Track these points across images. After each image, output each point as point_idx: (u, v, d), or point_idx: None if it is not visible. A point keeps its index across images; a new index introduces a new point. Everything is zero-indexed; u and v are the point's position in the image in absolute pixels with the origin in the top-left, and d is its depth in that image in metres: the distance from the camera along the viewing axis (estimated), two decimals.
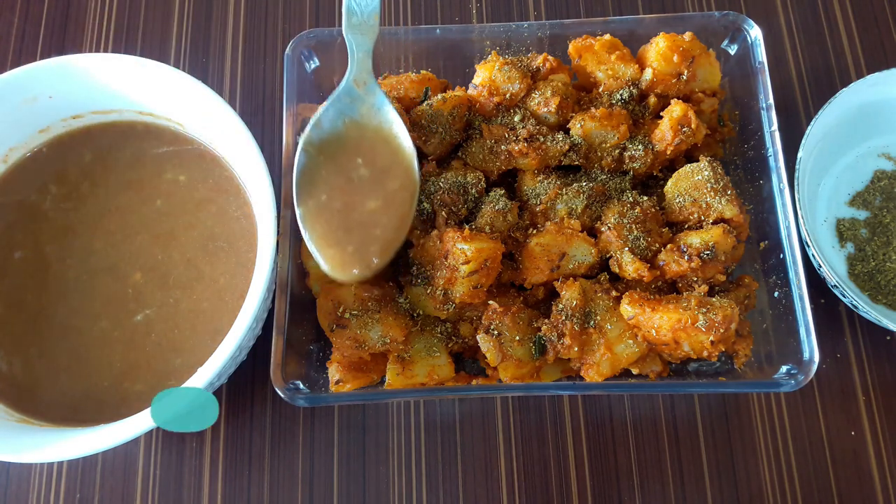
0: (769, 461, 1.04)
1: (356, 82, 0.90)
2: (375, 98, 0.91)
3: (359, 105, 0.90)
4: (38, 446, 0.88)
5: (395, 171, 0.90)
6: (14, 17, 1.32)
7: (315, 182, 0.87)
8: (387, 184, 0.89)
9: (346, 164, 0.89)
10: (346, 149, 0.90)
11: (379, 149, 0.91)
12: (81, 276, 1.02)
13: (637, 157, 1.01)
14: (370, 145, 0.90)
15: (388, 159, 0.91)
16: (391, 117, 0.92)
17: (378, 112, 0.92)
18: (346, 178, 0.88)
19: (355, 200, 0.88)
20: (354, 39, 0.90)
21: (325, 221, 0.87)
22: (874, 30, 1.27)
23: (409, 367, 0.94)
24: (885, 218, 1.12)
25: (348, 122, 0.90)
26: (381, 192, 0.89)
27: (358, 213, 0.88)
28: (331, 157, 0.89)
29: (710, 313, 0.89)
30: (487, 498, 1.03)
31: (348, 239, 0.87)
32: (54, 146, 1.08)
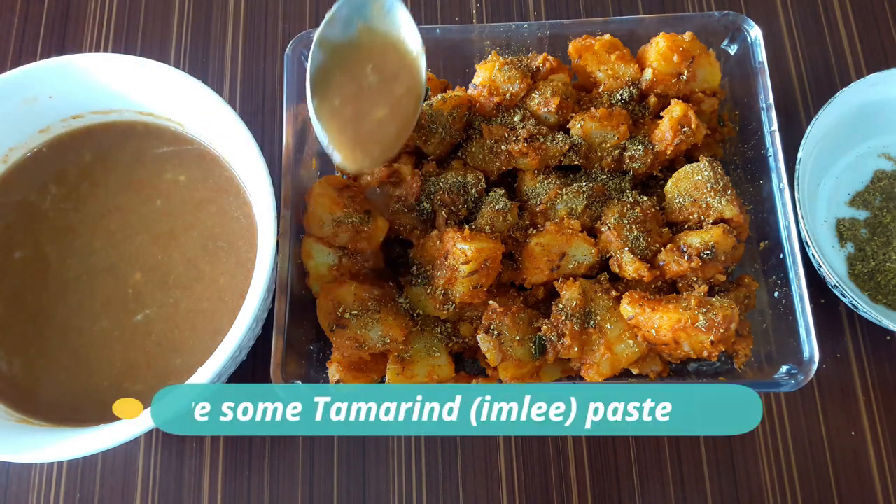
0: (769, 461, 1.04)
1: None
2: (385, 1, 0.91)
3: (370, 6, 0.90)
4: (38, 446, 0.88)
5: (403, 75, 0.92)
6: (14, 17, 1.32)
7: (328, 85, 0.89)
8: (394, 90, 0.91)
9: (358, 72, 0.90)
10: (358, 55, 0.91)
11: (388, 55, 0.92)
12: (81, 276, 1.02)
13: (637, 157, 1.01)
14: (380, 52, 0.92)
15: (396, 65, 0.92)
16: (400, 19, 0.92)
17: (388, 14, 0.92)
18: (357, 85, 0.90)
19: (364, 108, 0.90)
20: None
21: (337, 127, 0.89)
22: (874, 30, 1.27)
23: (409, 367, 0.94)
24: (885, 218, 1.12)
25: (360, 26, 0.90)
26: (388, 98, 0.91)
27: (367, 122, 0.90)
28: (343, 62, 0.90)
29: (710, 313, 0.89)
30: (487, 498, 1.03)
31: (356, 144, 0.90)
32: (54, 146, 1.08)
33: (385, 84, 0.91)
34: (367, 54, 0.91)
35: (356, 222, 0.97)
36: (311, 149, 1.08)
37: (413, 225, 1.01)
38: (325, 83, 0.88)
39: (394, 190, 1.00)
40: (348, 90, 0.89)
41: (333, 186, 1.00)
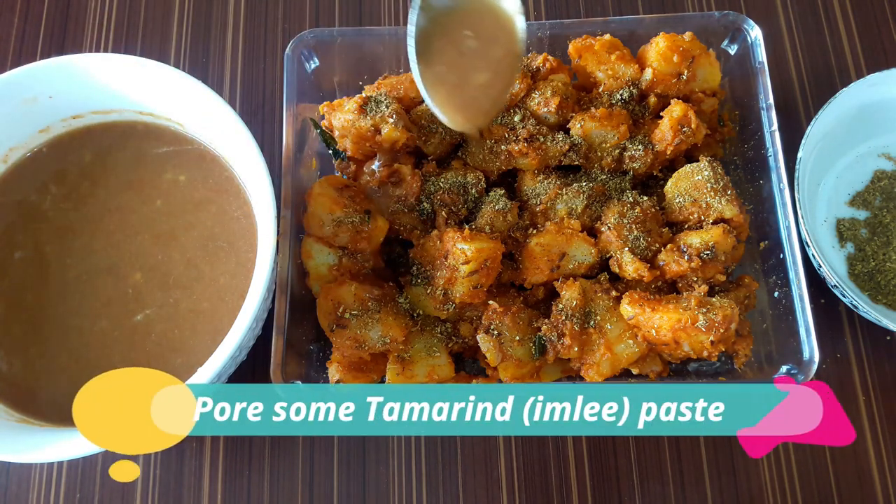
0: (769, 461, 1.04)
1: None
2: None
3: None
4: (38, 446, 0.88)
5: (500, 37, 0.92)
6: (14, 17, 1.32)
7: (430, 52, 0.89)
8: (493, 52, 0.91)
9: (457, 36, 0.91)
10: (456, 20, 0.91)
11: (485, 18, 0.92)
12: (81, 276, 1.02)
13: (637, 157, 1.01)
14: (477, 15, 0.92)
15: (493, 27, 0.92)
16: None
17: None
18: (457, 50, 0.91)
19: (467, 73, 0.91)
20: None
21: (444, 93, 0.90)
22: (874, 30, 1.27)
23: (409, 367, 0.94)
24: (885, 218, 1.12)
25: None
26: (488, 62, 0.91)
27: (470, 87, 0.91)
28: (442, 27, 0.91)
29: (710, 313, 0.89)
30: (487, 498, 1.03)
31: (461, 108, 0.91)
32: (54, 146, 1.08)
33: (484, 47, 0.91)
34: (464, 18, 0.91)
35: (356, 222, 0.97)
36: (311, 149, 1.09)
37: (413, 225, 1.01)
38: (426, 49, 0.89)
39: (394, 190, 1.00)
40: (450, 56, 0.90)
41: (333, 186, 1.00)
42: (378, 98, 0.99)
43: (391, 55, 1.12)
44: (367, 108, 0.98)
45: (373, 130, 0.97)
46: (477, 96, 0.92)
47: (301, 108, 1.05)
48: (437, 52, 0.90)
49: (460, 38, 0.91)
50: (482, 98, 0.93)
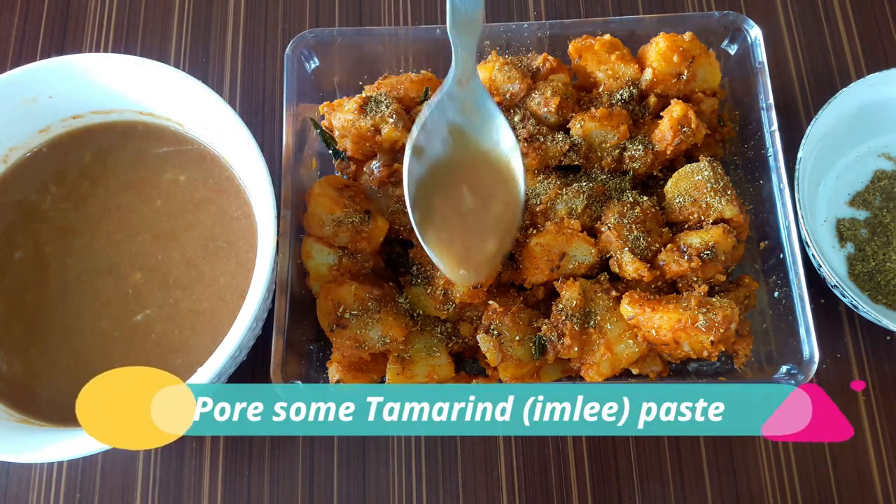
0: (769, 461, 1.04)
1: (459, 81, 0.88)
2: (477, 96, 0.89)
3: (460, 104, 0.89)
4: (38, 446, 0.88)
5: (499, 191, 0.90)
6: (14, 17, 1.32)
7: (431, 211, 0.88)
8: (493, 209, 0.90)
9: (455, 195, 0.89)
10: (453, 175, 0.89)
11: (481, 170, 0.90)
12: (81, 276, 1.02)
13: (637, 157, 1.01)
14: (473, 167, 0.90)
15: (490, 179, 0.90)
16: (492, 113, 0.90)
17: (479, 110, 0.90)
18: (457, 211, 0.89)
19: (468, 237, 0.89)
20: (459, 38, 0.87)
21: (446, 255, 0.88)
22: (874, 30, 1.27)
23: (409, 367, 0.94)
24: (885, 218, 1.12)
25: (451, 127, 0.89)
26: (488, 221, 0.90)
27: (473, 250, 0.89)
28: (439, 183, 0.88)
29: (710, 313, 0.89)
30: (487, 498, 1.03)
31: (463, 265, 0.89)
32: (54, 146, 1.08)
33: (484, 205, 0.89)
34: (461, 172, 0.89)
35: (356, 222, 0.97)
36: (310, 149, 1.09)
37: None
38: (426, 206, 0.87)
39: (394, 190, 1.00)
40: (452, 220, 0.88)
41: (333, 186, 1.00)
42: (378, 98, 0.99)
43: (391, 55, 1.13)
44: (367, 108, 0.98)
45: (373, 130, 0.97)
46: (478, 254, 0.90)
47: (301, 108, 1.05)
48: (439, 214, 0.88)
49: (459, 197, 0.89)
50: (482, 253, 0.90)
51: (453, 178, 0.89)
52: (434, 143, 0.88)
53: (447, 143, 0.88)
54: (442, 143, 0.88)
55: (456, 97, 0.89)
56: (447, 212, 0.88)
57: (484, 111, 0.90)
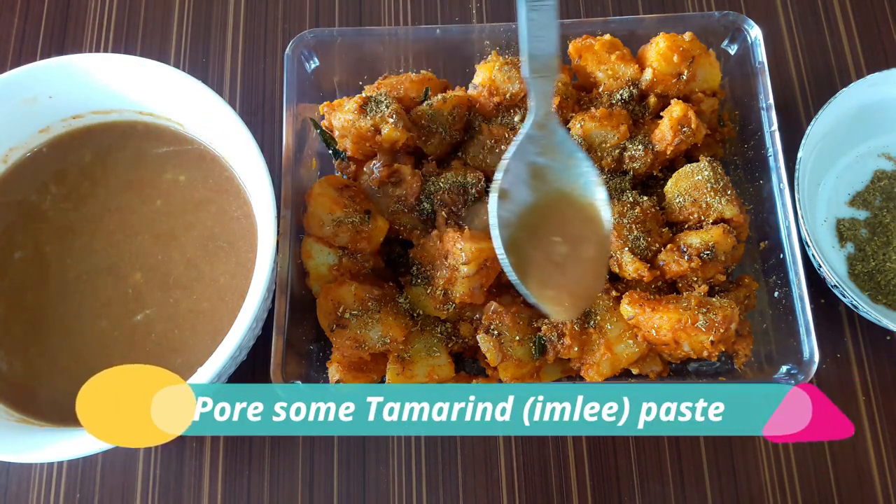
0: (769, 461, 1.04)
1: (537, 125, 0.89)
2: (556, 137, 0.89)
3: (540, 147, 0.89)
4: (38, 446, 0.88)
5: (588, 232, 0.89)
6: (14, 17, 1.32)
7: (525, 260, 0.87)
8: (584, 253, 0.89)
9: (546, 244, 0.89)
10: (542, 219, 0.89)
11: (568, 211, 0.90)
12: (81, 276, 1.02)
13: (637, 157, 1.01)
14: (559, 208, 0.90)
15: (579, 220, 0.90)
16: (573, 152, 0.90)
17: (559, 150, 0.90)
18: (550, 260, 0.88)
19: (564, 284, 0.89)
20: (535, 84, 0.88)
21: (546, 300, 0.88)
22: (874, 30, 1.27)
23: (409, 367, 0.94)
24: (885, 218, 1.12)
25: (533, 169, 0.89)
26: (581, 265, 0.89)
27: (571, 291, 0.89)
28: (529, 229, 0.88)
29: (710, 313, 0.89)
30: (487, 498, 1.03)
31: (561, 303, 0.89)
32: (54, 146, 1.08)
33: (575, 248, 0.89)
34: (549, 215, 0.89)
35: (356, 222, 0.97)
36: (310, 149, 1.09)
37: (413, 225, 1.01)
38: (517, 250, 0.87)
39: (394, 190, 1.00)
40: (545, 270, 0.88)
41: (333, 186, 0.99)
42: (378, 98, 0.99)
43: (391, 55, 1.13)
44: (367, 108, 0.98)
45: (373, 130, 0.97)
46: (578, 295, 0.90)
47: (301, 108, 1.05)
48: (533, 262, 0.87)
49: (550, 246, 0.88)
50: (583, 295, 0.90)
51: (542, 221, 0.89)
52: (519, 187, 0.88)
53: (531, 186, 0.88)
54: (526, 186, 0.88)
55: (535, 140, 0.89)
56: (539, 257, 0.88)
57: (564, 149, 0.89)
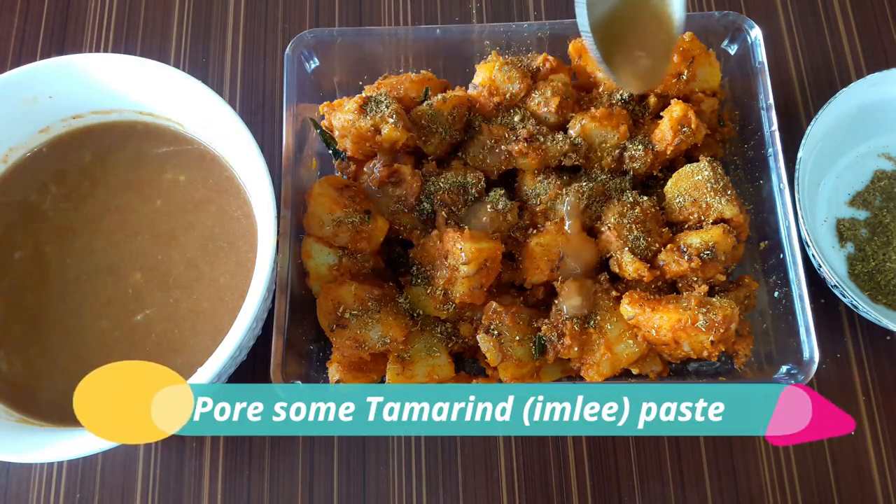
0: (769, 461, 1.04)
1: None
2: None
3: None
4: (38, 446, 0.88)
5: (662, 20, 0.90)
6: (14, 17, 1.32)
7: (610, 34, 0.89)
8: (653, 25, 0.90)
9: (623, 28, 0.90)
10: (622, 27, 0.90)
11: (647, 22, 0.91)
12: (81, 276, 1.02)
13: (637, 157, 1.01)
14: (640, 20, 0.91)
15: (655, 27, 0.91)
16: None
17: None
18: (629, 28, 0.90)
19: (638, 49, 0.91)
20: None
21: (623, 71, 0.90)
22: (874, 30, 1.27)
23: (409, 367, 0.94)
24: (885, 218, 1.12)
25: None
26: (655, 35, 0.90)
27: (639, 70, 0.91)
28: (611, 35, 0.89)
29: (710, 313, 0.89)
30: (487, 498, 1.03)
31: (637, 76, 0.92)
32: (54, 146, 1.08)
33: (648, 20, 0.91)
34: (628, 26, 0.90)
35: (356, 222, 0.97)
36: (311, 149, 1.09)
37: (413, 225, 1.01)
38: (602, 26, 0.88)
39: (394, 190, 1.00)
40: (626, 37, 0.90)
41: (333, 186, 1.00)
42: (378, 98, 0.99)
43: (391, 55, 1.13)
44: (367, 108, 0.98)
45: (373, 130, 0.97)
46: (652, 66, 0.92)
47: (301, 108, 1.05)
48: (613, 36, 0.89)
49: (628, 31, 0.91)
50: (655, 68, 0.92)
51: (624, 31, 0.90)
52: None
53: None
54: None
55: None
56: (619, 29, 0.89)
57: None
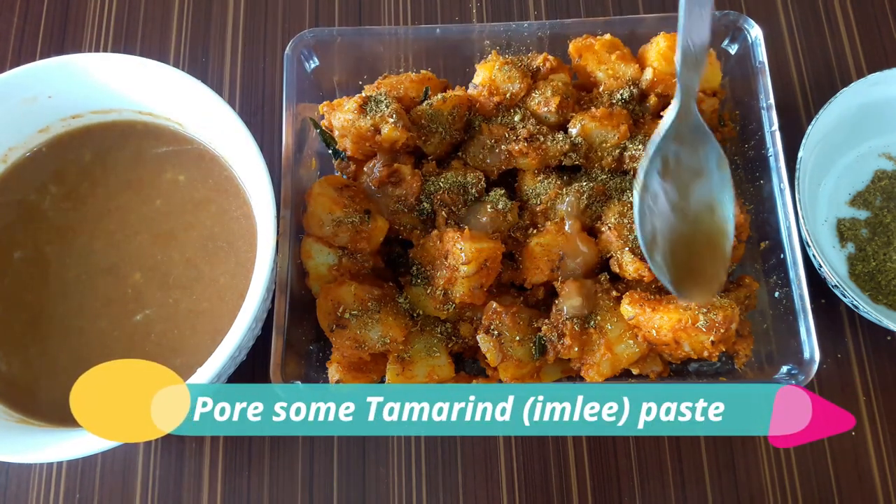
0: (769, 461, 1.04)
1: (679, 116, 0.90)
2: (692, 123, 0.91)
3: (678, 144, 0.91)
4: (38, 446, 0.88)
5: (716, 221, 0.91)
6: (14, 17, 1.32)
7: (670, 258, 0.90)
8: (717, 243, 0.91)
9: (683, 233, 0.91)
10: (676, 213, 0.91)
11: (698, 204, 0.92)
12: (81, 276, 1.01)
13: (637, 156, 1.01)
14: (691, 203, 0.91)
15: (706, 205, 0.91)
16: (710, 144, 0.91)
17: (694, 133, 0.91)
18: (689, 250, 0.91)
19: (700, 267, 0.91)
20: (685, 77, 0.89)
21: (691, 290, 0.90)
22: (874, 30, 1.27)
23: (409, 367, 0.94)
24: (886, 218, 1.12)
25: (670, 160, 0.91)
26: (714, 253, 0.91)
27: (705, 278, 0.91)
28: (669, 227, 0.90)
29: (711, 313, 0.89)
30: (487, 498, 1.03)
31: (697, 290, 0.91)
32: (54, 146, 1.08)
33: (709, 241, 0.91)
34: (682, 210, 0.91)
35: (356, 222, 0.97)
36: (310, 149, 1.09)
37: (413, 225, 1.01)
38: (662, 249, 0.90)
39: (394, 190, 1.00)
40: (684, 258, 0.91)
41: (333, 186, 0.99)
42: (378, 98, 0.99)
43: (391, 55, 1.12)
44: (367, 108, 0.98)
45: (373, 130, 0.97)
46: (711, 281, 0.91)
47: (301, 107, 1.05)
48: (674, 259, 0.90)
49: (688, 235, 0.91)
50: (716, 282, 0.92)
51: (676, 215, 0.91)
52: (660, 187, 0.90)
53: (663, 176, 0.90)
54: (669, 185, 0.90)
55: (673, 131, 0.91)
56: (679, 250, 0.90)
57: (700, 133, 0.91)
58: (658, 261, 0.89)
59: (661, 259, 0.89)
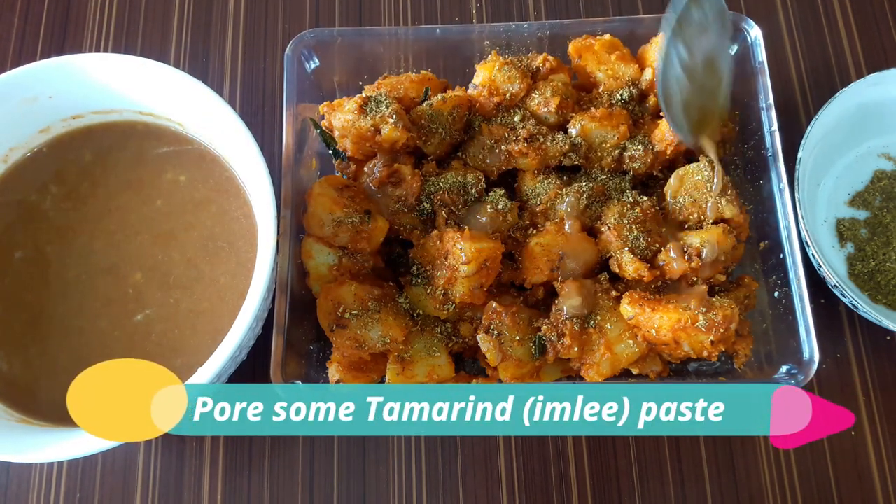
0: (769, 461, 1.04)
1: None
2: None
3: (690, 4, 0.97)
4: (38, 446, 0.88)
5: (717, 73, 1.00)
6: (14, 17, 1.32)
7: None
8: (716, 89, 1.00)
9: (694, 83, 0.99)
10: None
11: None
12: (81, 276, 1.02)
13: (637, 157, 1.01)
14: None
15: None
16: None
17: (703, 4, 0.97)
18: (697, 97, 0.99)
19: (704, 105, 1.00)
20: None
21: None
22: (874, 30, 1.27)
23: (409, 367, 0.94)
24: (885, 218, 1.12)
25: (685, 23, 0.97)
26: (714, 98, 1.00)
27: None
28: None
29: (710, 313, 0.89)
30: (487, 498, 1.03)
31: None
32: (54, 146, 1.08)
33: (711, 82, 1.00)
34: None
35: (356, 222, 0.97)
36: (311, 149, 1.09)
37: (413, 225, 1.01)
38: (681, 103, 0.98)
39: (394, 190, 1.00)
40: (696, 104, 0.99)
41: (333, 186, 1.00)
42: (378, 98, 0.99)
43: (391, 55, 1.13)
44: (367, 108, 0.98)
45: (373, 130, 0.97)
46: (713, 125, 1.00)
47: (301, 108, 1.05)
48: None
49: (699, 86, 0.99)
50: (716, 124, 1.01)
51: (686, 74, 0.98)
52: (675, 53, 0.96)
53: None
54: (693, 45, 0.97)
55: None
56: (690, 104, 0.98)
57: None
58: (676, 115, 0.97)
59: (678, 112, 0.97)
